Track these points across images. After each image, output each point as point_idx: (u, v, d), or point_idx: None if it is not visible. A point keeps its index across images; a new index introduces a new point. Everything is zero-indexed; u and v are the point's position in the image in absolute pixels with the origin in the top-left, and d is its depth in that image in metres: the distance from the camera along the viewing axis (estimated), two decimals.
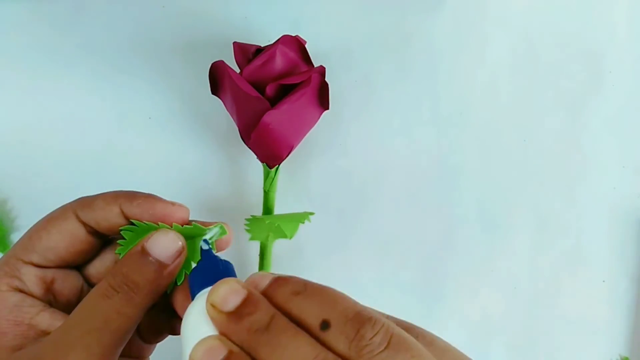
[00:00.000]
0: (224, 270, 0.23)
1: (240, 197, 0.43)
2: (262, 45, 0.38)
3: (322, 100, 0.37)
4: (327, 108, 0.37)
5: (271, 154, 0.37)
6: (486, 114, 0.44)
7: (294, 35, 0.37)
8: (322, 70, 0.37)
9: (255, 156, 0.38)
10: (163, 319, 0.27)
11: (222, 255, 0.43)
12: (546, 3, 0.44)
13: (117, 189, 0.26)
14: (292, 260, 0.43)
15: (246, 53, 0.37)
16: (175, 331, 0.27)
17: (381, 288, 0.42)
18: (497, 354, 0.45)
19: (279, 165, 0.38)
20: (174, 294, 0.25)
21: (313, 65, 0.38)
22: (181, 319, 0.21)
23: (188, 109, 0.43)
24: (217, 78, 0.37)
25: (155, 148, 0.43)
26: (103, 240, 0.27)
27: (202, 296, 0.20)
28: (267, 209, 0.40)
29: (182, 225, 0.25)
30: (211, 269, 0.23)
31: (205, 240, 0.25)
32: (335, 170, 0.43)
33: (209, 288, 0.20)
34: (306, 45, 0.37)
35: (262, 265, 0.41)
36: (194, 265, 0.24)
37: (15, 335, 0.22)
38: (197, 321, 0.20)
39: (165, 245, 0.23)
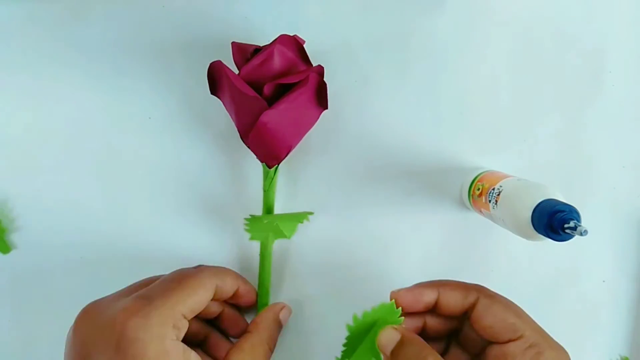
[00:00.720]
0: None
1: (240, 196, 0.43)
2: (261, 45, 0.38)
3: (321, 99, 0.37)
4: (326, 107, 0.37)
5: (270, 153, 0.37)
6: (486, 113, 0.44)
7: (292, 34, 0.37)
8: (320, 70, 0.37)
9: (255, 156, 0.38)
10: None
11: (222, 255, 0.43)
12: (546, 3, 0.44)
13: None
14: (292, 259, 0.43)
15: (244, 53, 0.37)
16: None
17: (382, 285, 0.42)
18: None
19: (278, 165, 0.38)
20: None
21: (311, 65, 0.38)
22: None
23: (188, 109, 0.43)
24: (216, 78, 0.37)
25: (155, 148, 0.43)
26: None
27: None
28: (267, 209, 0.40)
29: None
30: None
31: None
32: (335, 169, 0.43)
33: None
34: (305, 45, 0.37)
35: (262, 265, 0.41)
36: None
37: None
38: None
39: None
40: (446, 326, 0.35)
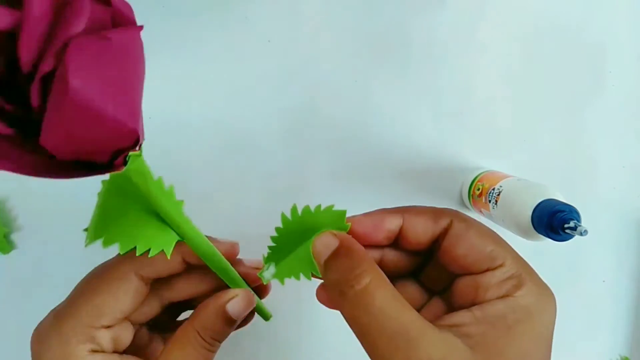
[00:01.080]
0: None
1: None
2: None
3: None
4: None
5: (110, 133, 0.18)
6: (486, 113, 0.44)
7: None
8: None
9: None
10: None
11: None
12: (546, 3, 0.44)
13: None
14: None
15: None
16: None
17: None
18: None
19: (139, 144, 0.21)
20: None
21: None
22: None
23: None
24: None
25: None
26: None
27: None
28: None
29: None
30: None
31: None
32: (336, 169, 0.43)
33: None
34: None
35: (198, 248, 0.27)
36: None
37: None
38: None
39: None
40: (408, 263, 0.27)
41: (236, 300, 0.27)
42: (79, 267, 0.43)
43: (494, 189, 0.38)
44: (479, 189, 0.40)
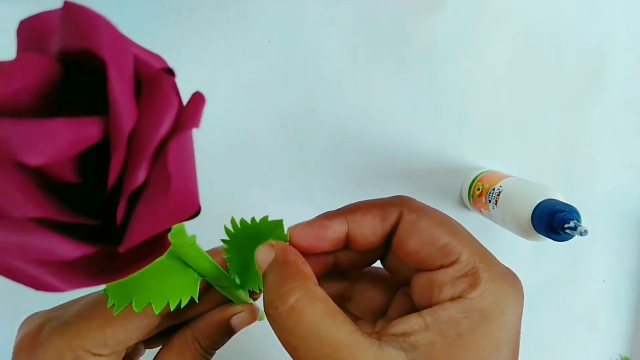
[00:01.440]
0: None
1: None
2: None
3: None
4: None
5: (184, 196, 0.18)
6: (486, 113, 0.44)
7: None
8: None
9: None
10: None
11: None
12: (546, 4, 0.44)
13: None
14: None
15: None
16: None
17: None
18: None
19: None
20: None
21: None
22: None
23: None
24: None
25: None
26: None
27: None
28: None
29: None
30: None
31: None
32: (336, 169, 0.43)
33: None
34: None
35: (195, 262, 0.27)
36: None
37: None
38: None
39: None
40: (365, 258, 0.25)
41: (242, 314, 0.26)
42: None
43: (494, 189, 0.38)
44: (479, 189, 0.40)
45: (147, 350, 0.29)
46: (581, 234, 0.30)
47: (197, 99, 0.16)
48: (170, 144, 0.14)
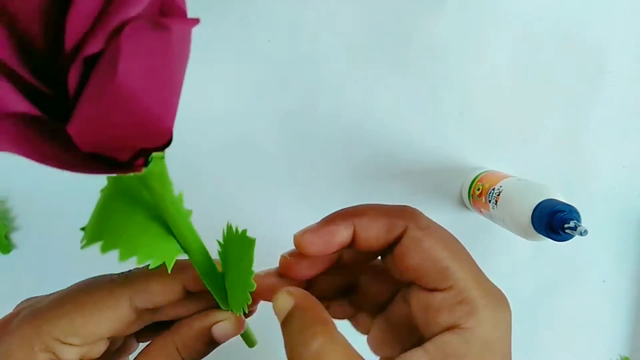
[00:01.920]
0: None
1: None
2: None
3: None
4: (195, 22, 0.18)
5: (145, 128, 0.17)
6: (486, 113, 0.44)
7: None
8: None
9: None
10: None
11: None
12: (546, 4, 0.44)
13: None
14: None
15: None
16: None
17: None
18: None
19: (166, 146, 0.19)
20: None
21: None
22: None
23: None
24: None
25: None
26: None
27: None
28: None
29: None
30: None
31: None
32: (336, 169, 0.43)
33: None
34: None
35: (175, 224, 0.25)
36: None
37: None
38: None
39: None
40: (367, 256, 0.27)
41: (224, 324, 0.26)
42: (79, 267, 0.43)
43: (494, 189, 0.38)
44: (479, 189, 0.40)
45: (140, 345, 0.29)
46: (581, 234, 0.30)
47: (190, 21, 0.16)
48: (130, 26, 0.13)
